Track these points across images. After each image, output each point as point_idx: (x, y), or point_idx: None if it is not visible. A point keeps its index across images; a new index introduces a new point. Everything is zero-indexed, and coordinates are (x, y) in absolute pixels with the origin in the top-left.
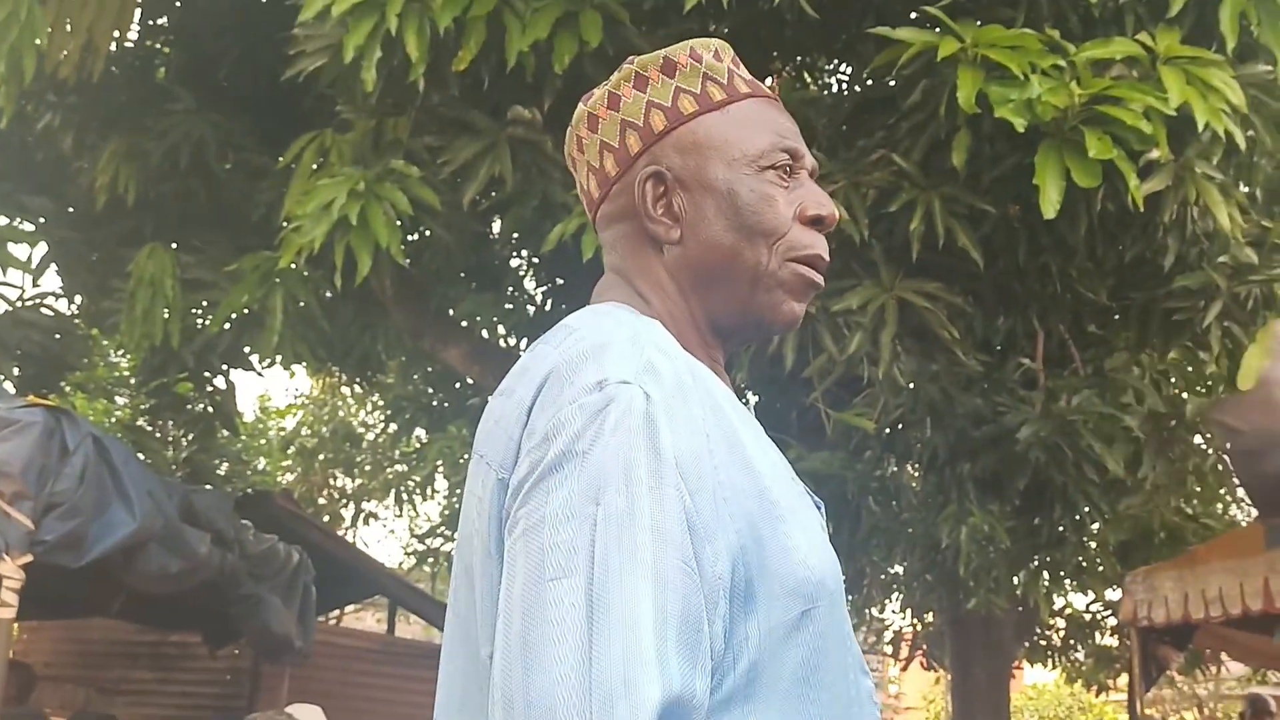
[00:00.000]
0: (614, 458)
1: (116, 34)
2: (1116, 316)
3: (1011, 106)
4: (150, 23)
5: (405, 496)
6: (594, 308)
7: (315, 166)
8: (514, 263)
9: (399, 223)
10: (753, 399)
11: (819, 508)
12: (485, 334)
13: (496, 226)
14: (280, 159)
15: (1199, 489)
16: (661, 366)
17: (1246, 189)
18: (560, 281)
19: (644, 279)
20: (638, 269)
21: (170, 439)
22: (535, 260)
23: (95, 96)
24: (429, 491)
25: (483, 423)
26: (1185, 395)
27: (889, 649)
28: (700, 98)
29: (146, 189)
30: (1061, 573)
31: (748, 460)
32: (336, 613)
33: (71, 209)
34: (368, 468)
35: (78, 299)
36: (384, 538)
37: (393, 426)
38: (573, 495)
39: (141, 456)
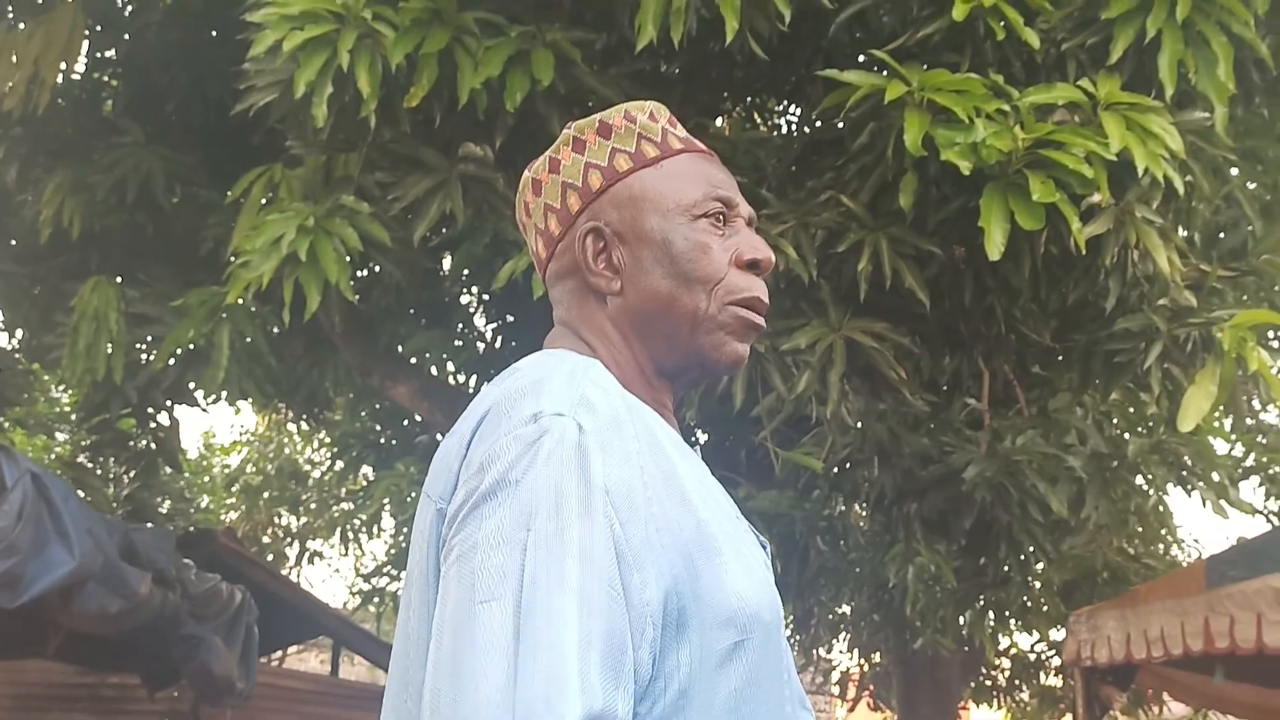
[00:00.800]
0: (545, 486)
1: (63, 66)
2: (1060, 358)
3: (957, 149)
4: (98, 55)
5: (351, 535)
6: (541, 351)
7: (264, 201)
8: (464, 299)
9: (348, 259)
10: (702, 437)
11: (764, 547)
12: (434, 371)
13: (447, 263)
14: (229, 193)
15: (1141, 529)
16: (596, 400)
17: (1185, 233)
18: (510, 319)
19: (589, 329)
20: (583, 320)
21: (111, 476)
22: (485, 297)
23: (41, 128)
24: (375, 530)
25: (433, 464)
26: (1127, 436)
27: (836, 689)
28: (635, 155)
29: (92, 222)
30: (1006, 612)
31: (684, 494)
32: (279, 653)
33: (14, 241)
34: (313, 506)
35: (19, 333)
36: (329, 577)
37: (339, 464)
38: (505, 522)
39: (81, 494)
